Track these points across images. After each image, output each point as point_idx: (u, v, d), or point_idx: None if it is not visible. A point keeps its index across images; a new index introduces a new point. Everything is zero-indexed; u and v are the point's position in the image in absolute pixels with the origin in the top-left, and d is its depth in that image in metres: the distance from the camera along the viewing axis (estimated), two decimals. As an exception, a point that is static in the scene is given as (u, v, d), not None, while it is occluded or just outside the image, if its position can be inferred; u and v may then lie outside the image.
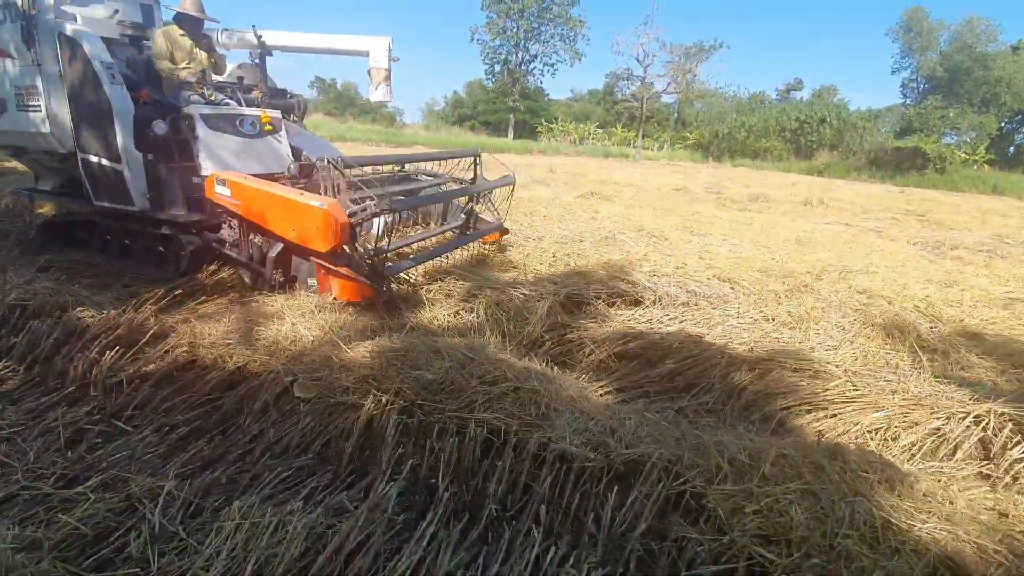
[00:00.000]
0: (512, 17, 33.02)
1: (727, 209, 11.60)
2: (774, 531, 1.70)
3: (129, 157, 4.16)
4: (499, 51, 35.40)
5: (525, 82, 36.68)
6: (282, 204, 3.31)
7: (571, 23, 33.12)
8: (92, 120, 4.23)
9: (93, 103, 4.16)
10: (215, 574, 1.45)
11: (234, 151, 4.41)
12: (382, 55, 5.96)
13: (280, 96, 6.18)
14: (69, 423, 2.19)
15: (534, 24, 33.67)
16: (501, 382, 2.36)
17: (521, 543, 1.76)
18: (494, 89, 40.44)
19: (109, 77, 4.11)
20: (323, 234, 3.12)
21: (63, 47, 4.15)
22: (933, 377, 3.16)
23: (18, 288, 3.14)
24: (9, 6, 4.21)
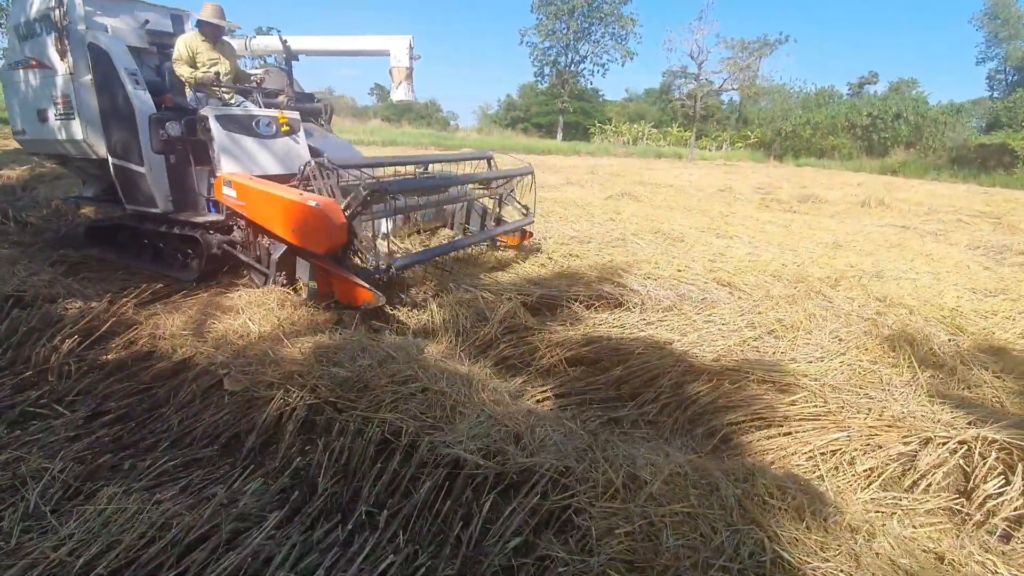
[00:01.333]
0: (562, 18, 32.76)
1: (769, 210, 10.96)
2: (641, 556, 1.56)
3: (152, 160, 4.35)
4: (548, 53, 35.23)
5: (575, 83, 36.27)
6: (282, 205, 3.31)
7: (623, 22, 32.44)
8: (120, 126, 4.47)
9: (120, 109, 4.39)
10: (60, 554, 1.50)
11: (250, 152, 4.49)
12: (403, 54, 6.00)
13: (306, 100, 6.35)
14: (14, 404, 2.36)
15: (584, 24, 33.26)
16: (411, 382, 2.32)
17: (384, 548, 1.71)
18: (545, 91, 40.34)
19: (133, 83, 4.33)
20: (320, 235, 3.13)
21: (93, 56, 4.37)
22: (927, 396, 2.81)
23: (18, 279, 3.43)
24: (45, 19, 4.51)
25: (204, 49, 4.73)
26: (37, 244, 4.65)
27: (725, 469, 1.88)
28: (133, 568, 1.48)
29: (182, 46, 4.62)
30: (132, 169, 4.46)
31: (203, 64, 4.70)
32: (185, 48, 4.61)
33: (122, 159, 4.51)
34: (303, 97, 6.30)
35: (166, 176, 4.41)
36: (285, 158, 4.72)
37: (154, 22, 5.18)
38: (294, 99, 5.67)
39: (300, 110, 5.43)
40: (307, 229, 3.18)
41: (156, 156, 4.33)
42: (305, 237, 3.22)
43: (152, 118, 4.26)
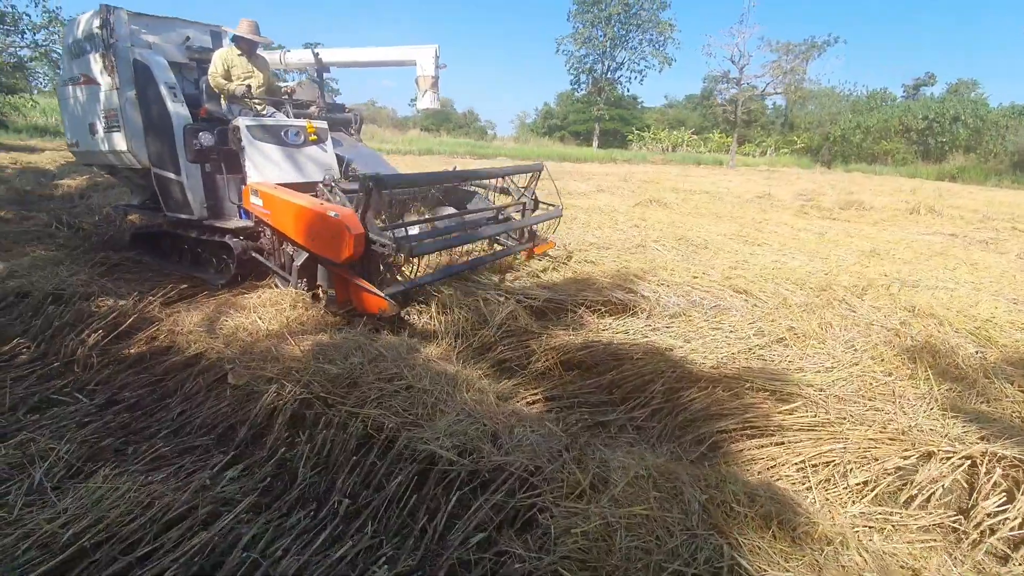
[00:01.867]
0: (598, 25, 32.69)
1: (806, 218, 10.56)
2: (593, 556, 1.55)
3: (188, 169, 4.61)
4: (584, 61, 35.21)
5: (612, 91, 36.06)
6: (303, 214, 3.42)
7: (660, 27, 32.07)
8: (159, 137, 4.74)
9: (159, 121, 4.66)
10: (53, 526, 1.63)
11: (279, 160, 4.68)
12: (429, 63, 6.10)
13: (337, 111, 6.58)
14: (40, 391, 2.57)
15: (621, 31, 33.05)
16: (397, 380, 2.39)
17: (351, 536, 1.77)
18: (582, 99, 40.31)
19: (172, 96, 4.59)
20: (338, 244, 3.19)
21: (136, 72, 4.64)
22: (940, 409, 2.67)
23: (59, 279, 3.73)
24: (93, 37, 4.83)
25: (239, 63, 4.94)
26: (82, 247, 5.01)
27: (696, 475, 1.85)
28: (113, 541, 1.59)
29: (218, 60, 4.84)
30: (171, 178, 4.72)
31: (238, 77, 4.91)
32: (221, 62, 4.83)
33: (162, 168, 4.77)
34: (334, 108, 6.52)
35: (201, 184, 4.64)
36: (313, 166, 4.87)
37: (194, 38, 5.46)
38: (325, 110, 5.84)
39: (331, 120, 5.62)
40: (326, 238, 3.27)
41: (192, 165, 4.57)
42: (324, 246, 3.31)
43: (186, 129, 4.50)
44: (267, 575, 1.53)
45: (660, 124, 46.08)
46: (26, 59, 17.70)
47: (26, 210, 6.69)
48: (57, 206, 7.19)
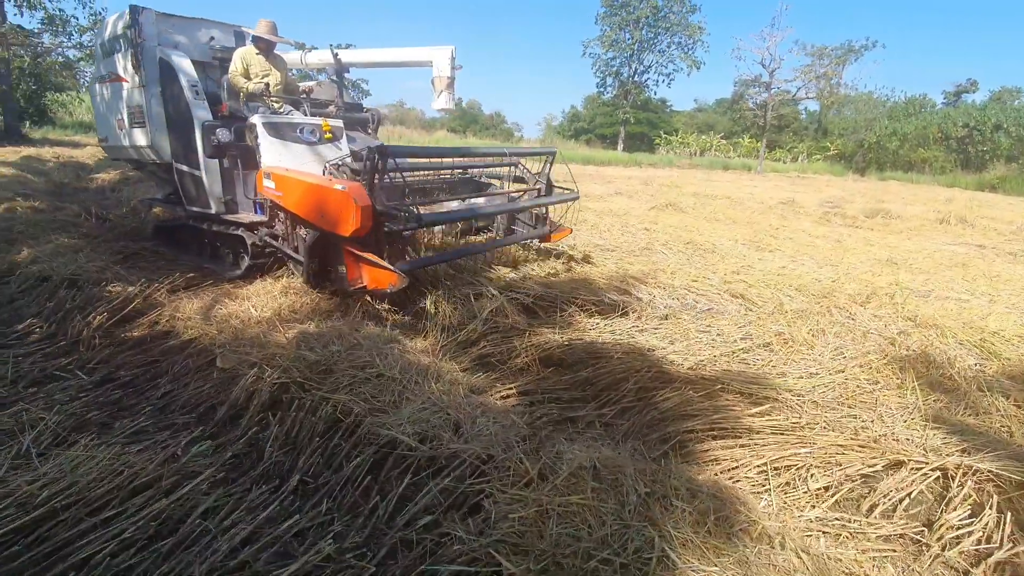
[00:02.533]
0: (626, 28, 32.44)
1: (828, 225, 10.32)
2: (526, 540, 1.60)
3: (206, 164, 4.74)
4: (611, 64, 34.97)
5: (639, 93, 35.75)
6: (312, 190, 3.45)
7: (690, 30, 31.63)
8: (181, 133, 4.90)
9: (181, 118, 4.82)
10: (32, 488, 1.77)
11: (293, 157, 4.71)
12: (444, 64, 6.10)
13: (355, 110, 6.72)
14: (44, 367, 2.75)
15: (649, 34, 32.74)
16: (368, 368, 2.47)
17: (306, 512, 1.86)
18: (608, 102, 40.09)
19: (193, 94, 4.65)
20: (345, 217, 3.18)
21: (162, 70, 4.80)
22: (922, 419, 2.62)
23: (76, 265, 3.95)
24: (123, 37, 4.93)
25: (257, 62, 5.07)
26: (102, 237, 5.28)
27: (642, 469, 1.88)
28: (81, 504, 1.71)
29: (237, 59, 4.97)
30: (191, 173, 4.89)
31: (256, 75, 5.04)
32: (240, 61, 4.96)
33: (182, 163, 4.94)
34: (352, 107, 6.64)
35: (219, 179, 4.77)
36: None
37: (218, 38, 5.63)
38: (343, 109, 5.95)
39: (348, 119, 5.73)
40: (333, 212, 3.27)
41: (210, 160, 4.70)
42: (332, 220, 3.30)
43: (205, 125, 4.64)
44: (215, 541, 1.62)
45: (689, 128, 45.47)
46: (74, 59, 18.59)
47: (60, 201, 7.07)
48: (89, 198, 7.57)
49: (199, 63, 5.16)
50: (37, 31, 17.29)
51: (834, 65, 26.73)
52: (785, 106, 32.00)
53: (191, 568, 1.51)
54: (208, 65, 5.55)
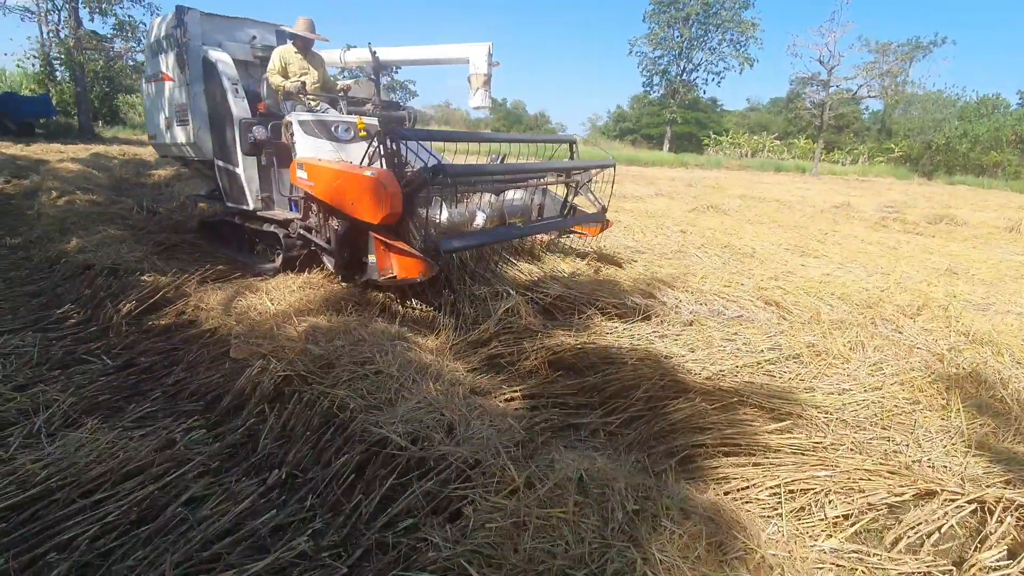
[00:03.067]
0: (675, 26, 31.57)
1: (884, 231, 9.68)
2: (499, 553, 1.52)
3: (244, 162, 4.85)
4: (659, 62, 34.15)
5: (687, 92, 34.74)
6: (342, 178, 3.41)
7: (743, 27, 30.44)
8: (221, 131, 5.02)
9: (222, 116, 4.93)
10: (35, 467, 1.84)
11: (328, 154, 4.66)
12: (481, 61, 6.00)
13: (392, 108, 6.75)
14: (72, 350, 2.90)
15: (699, 31, 31.74)
16: (368, 364, 2.45)
17: (290, 506, 1.85)
18: (655, 102, 39.20)
19: (234, 92, 4.74)
20: (375, 204, 3.13)
21: (205, 69, 4.91)
22: (964, 445, 2.36)
23: (118, 255, 4.16)
24: (170, 37, 5.06)
25: (295, 60, 5.09)
26: (146, 229, 5.54)
27: (636, 484, 1.76)
28: (75, 485, 1.76)
29: (276, 57, 5.00)
30: (230, 170, 5.00)
31: (294, 73, 5.06)
32: (279, 59, 4.99)
33: (223, 160, 5.08)
34: (389, 105, 6.66)
35: (257, 176, 4.82)
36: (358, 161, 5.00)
37: (260, 37, 5.72)
38: (380, 107, 5.80)
39: (385, 118, 5.75)
40: (363, 199, 3.22)
41: (248, 158, 4.80)
42: (362, 207, 3.24)
43: (242, 123, 4.72)
44: (192, 531, 1.63)
45: (740, 128, 43.92)
46: (142, 63, 19.83)
47: (117, 195, 7.51)
48: (144, 193, 8.01)
49: (241, 62, 5.27)
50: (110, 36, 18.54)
51: (899, 62, 25.09)
52: (845, 105, 30.34)
53: (163, 556, 1.52)
54: (250, 64, 5.66)
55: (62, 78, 21.38)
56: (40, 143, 15.44)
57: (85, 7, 18.88)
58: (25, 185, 7.90)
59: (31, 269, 4.29)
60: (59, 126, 20.01)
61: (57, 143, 15.70)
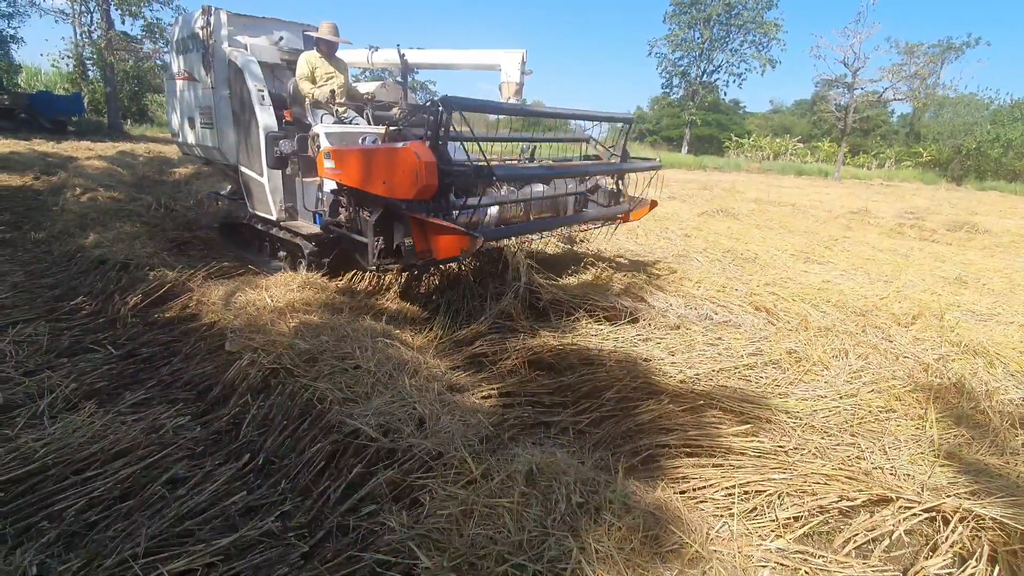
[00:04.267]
0: (696, 27, 31.25)
1: (899, 238, 9.53)
2: (445, 538, 1.62)
3: (269, 173, 4.58)
4: (679, 64, 33.84)
5: (708, 94, 34.36)
6: (371, 157, 3.25)
7: (765, 28, 29.98)
8: (246, 138, 4.75)
9: (247, 122, 4.68)
10: (36, 445, 2.00)
11: None
12: (514, 69, 5.81)
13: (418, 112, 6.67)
14: (80, 339, 3.09)
15: (721, 32, 31.36)
16: (348, 359, 2.58)
17: (263, 490, 1.98)
18: (675, 103, 38.85)
19: (259, 99, 4.55)
20: (408, 176, 2.90)
21: (231, 72, 4.75)
22: (932, 455, 2.39)
23: (131, 250, 4.38)
24: (195, 37, 4.93)
25: (322, 65, 4.93)
26: (162, 225, 5.78)
27: (586, 478, 1.84)
28: (68, 463, 1.92)
29: (304, 63, 4.82)
30: (255, 178, 4.81)
31: (321, 78, 4.89)
32: (307, 65, 4.82)
33: (247, 167, 4.89)
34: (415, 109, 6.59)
35: (281, 187, 4.66)
36: None
37: (287, 39, 5.43)
38: (407, 111, 5.85)
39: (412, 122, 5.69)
40: (395, 173, 3.00)
41: (273, 170, 4.57)
42: (395, 183, 3.02)
43: (268, 136, 4.47)
44: (167, 508, 1.77)
45: (763, 130, 43.26)
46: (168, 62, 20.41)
47: (138, 193, 7.82)
48: (164, 190, 8.31)
49: (267, 65, 5.14)
50: (139, 37, 19.16)
51: (928, 64, 24.44)
52: (871, 108, 29.67)
53: (140, 529, 1.66)
54: (276, 66, 5.50)
55: (94, 77, 22.19)
56: (71, 140, 16.07)
57: (117, 9, 19.57)
58: (53, 181, 8.27)
59: (51, 262, 4.54)
60: (90, 124, 20.77)
61: (87, 140, 16.32)
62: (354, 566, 1.65)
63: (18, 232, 5.61)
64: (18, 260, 4.61)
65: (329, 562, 1.67)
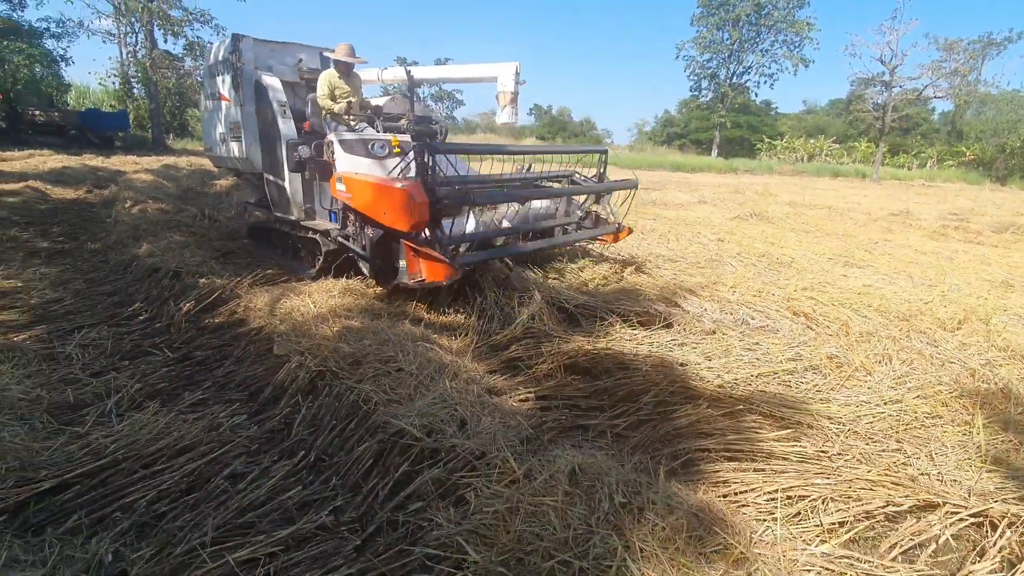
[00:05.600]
0: (724, 28, 30.84)
1: (942, 240, 9.21)
2: (492, 533, 1.68)
3: (290, 177, 4.99)
4: (707, 66, 33.40)
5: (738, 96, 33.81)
6: (375, 189, 3.68)
7: (797, 27, 29.36)
8: (270, 148, 5.21)
9: (271, 134, 5.12)
10: (105, 442, 2.15)
11: (365, 170, 4.82)
12: (508, 79, 6.28)
13: (424, 123, 7.04)
14: (139, 343, 3.27)
15: (750, 33, 30.84)
16: (391, 362, 2.67)
17: (316, 486, 2.08)
18: (704, 106, 38.35)
19: (281, 113, 5.02)
20: (405, 213, 3.39)
21: (256, 91, 5.25)
22: (980, 461, 2.33)
23: (181, 259, 4.60)
24: (226, 61, 5.49)
25: (339, 83, 5.38)
26: (208, 235, 6.05)
27: (627, 480, 1.88)
28: (137, 458, 2.05)
29: (324, 82, 5.20)
30: (278, 183, 5.24)
31: (340, 96, 5.35)
32: (327, 84, 5.20)
33: (272, 174, 5.32)
34: (422, 120, 6.89)
35: (301, 190, 5.08)
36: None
37: (306, 60, 6.12)
38: (414, 122, 5.90)
39: (419, 132, 6.04)
40: (394, 208, 3.48)
41: (294, 174, 5.00)
42: (392, 216, 3.51)
43: (288, 143, 4.90)
44: (230, 500, 1.87)
45: (796, 132, 42.32)
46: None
47: (183, 204, 8.18)
48: (206, 201, 8.67)
49: (288, 83, 5.64)
50: (180, 56, 20.04)
51: (968, 60, 23.53)
52: (911, 106, 28.70)
53: (206, 520, 1.77)
54: (296, 85, 6.02)
55: (138, 94, 23.30)
56: (119, 155, 16.89)
57: (160, 29, 20.54)
58: (104, 195, 8.73)
59: (108, 271, 4.81)
60: (135, 139, 21.80)
61: (133, 155, 17.12)
62: (405, 559, 1.72)
63: (76, 243, 5.96)
64: (78, 269, 4.89)
65: (381, 555, 1.74)
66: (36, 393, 2.44)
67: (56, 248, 5.66)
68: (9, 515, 1.80)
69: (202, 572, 1.61)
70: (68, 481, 1.94)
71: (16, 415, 2.30)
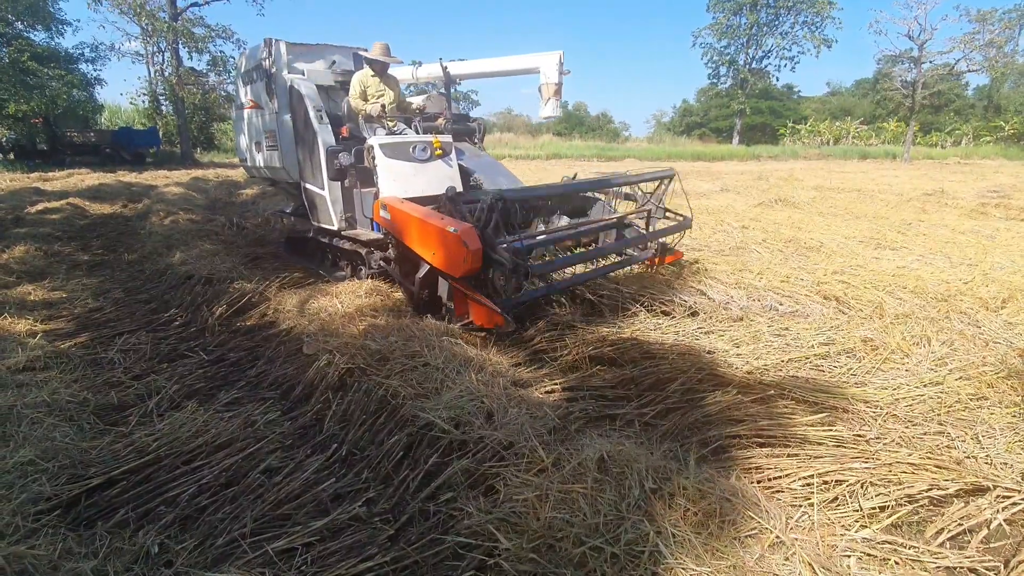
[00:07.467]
0: (741, 13, 30.13)
1: (982, 219, 8.84)
2: (522, 521, 1.68)
3: (330, 185, 4.79)
4: (725, 52, 32.69)
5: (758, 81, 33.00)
6: (424, 228, 3.46)
7: (818, 7, 28.50)
8: (308, 156, 5.01)
9: (308, 141, 4.93)
10: (148, 440, 2.23)
11: (408, 175, 4.73)
12: (552, 70, 5.70)
13: (461, 121, 6.84)
14: (176, 347, 3.39)
15: (768, 16, 30.07)
16: (417, 357, 2.70)
17: (347, 478, 2.12)
18: (724, 93, 37.58)
19: (318, 119, 4.83)
20: (457, 259, 3.20)
21: (292, 98, 5.04)
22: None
23: (212, 266, 4.75)
24: (259, 67, 5.29)
25: (373, 83, 5.11)
26: (236, 243, 6.22)
27: (656, 466, 1.86)
28: (179, 454, 2.13)
29: (356, 82, 5.02)
30: (317, 192, 5.04)
31: (372, 96, 5.08)
32: (359, 84, 5.02)
33: (309, 183, 5.15)
34: (459, 119, 6.65)
35: (341, 199, 4.87)
36: (438, 179, 4.87)
37: (340, 62, 5.76)
38: (451, 121, 5.69)
39: (456, 131, 5.69)
40: (446, 253, 3.29)
41: (333, 182, 4.81)
42: (443, 260, 3.33)
43: (328, 150, 4.72)
44: (267, 493, 1.93)
45: (820, 115, 41.18)
46: (233, 93, 21.89)
47: (213, 214, 8.43)
48: (234, 211, 8.92)
49: (323, 87, 5.37)
50: (205, 71, 20.64)
51: (1004, 30, 22.46)
52: (943, 82, 27.58)
53: (245, 512, 1.82)
54: (331, 88, 5.78)
55: (167, 111, 24.11)
56: (150, 170, 17.52)
57: (184, 47, 21.21)
58: (139, 208, 9.06)
59: (144, 280, 4.99)
60: (165, 154, 22.58)
61: (163, 169, 17.74)
62: (437, 547, 1.74)
63: (113, 254, 6.20)
64: (116, 279, 5.09)
65: (414, 544, 1.76)
66: (83, 396, 2.55)
67: (96, 260, 5.90)
68: (63, 510, 1.89)
69: (243, 562, 1.66)
70: (115, 478, 2.02)
71: (66, 417, 2.41)
